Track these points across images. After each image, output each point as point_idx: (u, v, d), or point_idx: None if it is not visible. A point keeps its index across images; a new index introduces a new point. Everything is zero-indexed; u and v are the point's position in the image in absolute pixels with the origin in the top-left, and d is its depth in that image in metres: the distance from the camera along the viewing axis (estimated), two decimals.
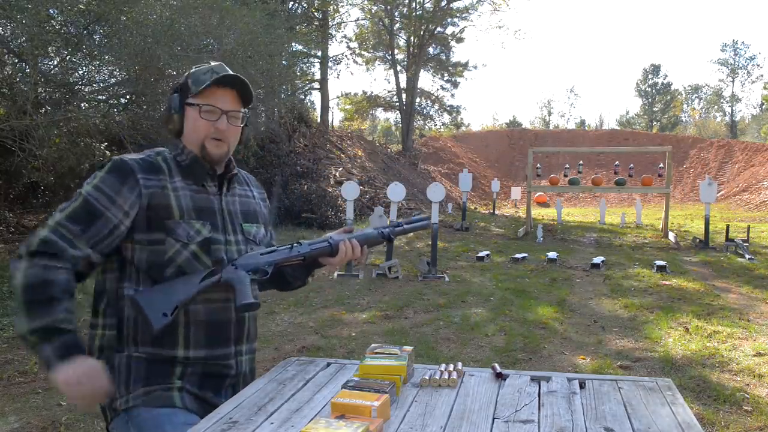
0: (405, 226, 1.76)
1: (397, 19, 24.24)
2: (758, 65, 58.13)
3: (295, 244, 1.61)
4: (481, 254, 8.61)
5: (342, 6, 21.77)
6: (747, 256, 8.47)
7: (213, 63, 1.59)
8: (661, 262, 7.75)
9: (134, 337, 1.48)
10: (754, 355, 4.23)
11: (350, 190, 7.61)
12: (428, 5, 24.09)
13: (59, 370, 1.36)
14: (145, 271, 1.48)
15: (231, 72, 1.57)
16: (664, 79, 52.13)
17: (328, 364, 1.66)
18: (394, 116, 31.37)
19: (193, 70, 1.57)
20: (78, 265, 1.43)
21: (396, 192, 7.72)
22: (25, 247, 1.41)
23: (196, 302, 1.49)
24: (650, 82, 52.01)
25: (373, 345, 1.59)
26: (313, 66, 20.02)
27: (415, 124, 26.08)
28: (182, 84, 1.57)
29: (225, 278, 1.50)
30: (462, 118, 31.55)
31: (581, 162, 13.05)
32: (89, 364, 1.40)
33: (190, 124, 1.56)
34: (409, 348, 1.55)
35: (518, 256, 8.53)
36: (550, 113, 59.53)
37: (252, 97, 1.61)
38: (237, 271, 1.51)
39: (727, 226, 9.92)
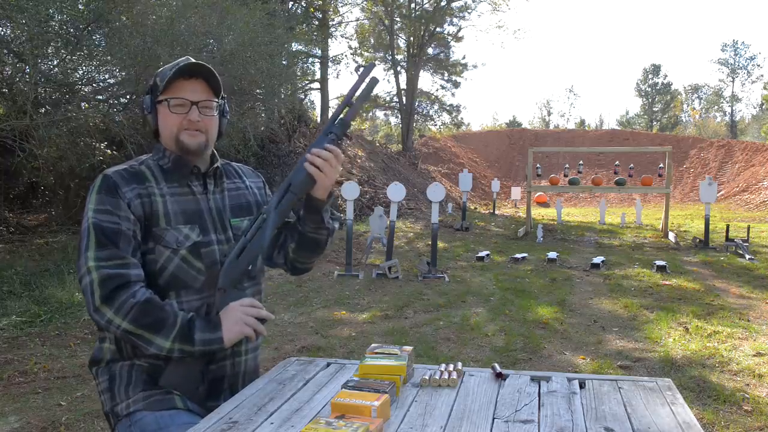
0: (355, 106, 1.46)
1: (396, 19, 24.23)
2: (758, 65, 58.27)
3: (261, 223, 1.48)
4: (481, 254, 8.60)
5: (342, 6, 21.79)
6: (747, 256, 8.47)
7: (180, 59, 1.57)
8: (661, 262, 7.75)
9: (134, 351, 1.49)
10: (754, 355, 4.23)
11: (350, 190, 7.61)
12: (427, 6, 24.09)
13: (226, 332, 1.44)
14: None
15: (195, 61, 1.53)
16: (664, 79, 52.14)
17: (328, 364, 1.66)
18: (394, 117, 31.37)
19: (160, 69, 1.56)
20: (143, 278, 1.44)
21: (396, 192, 7.72)
22: (92, 297, 1.38)
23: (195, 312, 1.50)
24: (650, 82, 52.01)
25: (373, 345, 1.59)
26: (313, 66, 20.03)
27: (414, 124, 26.07)
28: (152, 84, 1.55)
29: (222, 310, 1.49)
30: (462, 118, 31.56)
31: (581, 162, 13.05)
32: (230, 312, 1.45)
33: (161, 120, 1.54)
34: (409, 348, 1.55)
35: (518, 256, 8.53)
36: (549, 113, 59.58)
37: (220, 85, 1.57)
38: (228, 294, 1.48)
39: (727, 226, 9.92)
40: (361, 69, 1.47)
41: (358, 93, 1.48)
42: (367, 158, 18.36)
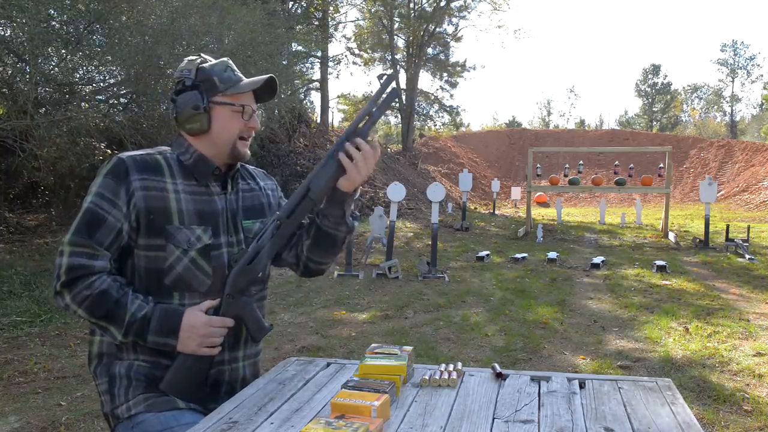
0: (375, 115, 1.41)
1: (396, 19, 24.22)
2: (758, 65, 58.36)
3: (275, 230, 1.44)
4: (480, 254, 8.60)
5: (342, 6, 21.78)
6: (747, 256, 8.47)
7: (213, 59, 1.56)
8: (661, 262, 7.75)
9: (133, 346, 1.47)
10: (754, 355, 4.23)
11: None
12: (427, 6, 24.08)
13: (181, 345, 1.41)
14: (144, 278, 1.46)
15: (236, 68, 1.57)
16: (664, 79, 52.17)
17: (328, 364, 1.66)
18: (393, 117, 31.37)
19: (206, 65, 1.52)
20: (108, 269, 1.43)
21: (396, 192, 7.72)
22: (57, 280, 1.40)
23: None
24: (650, 82, 52.02)
25: (373, 345, 1.58)
26: (313, 66, 20.02)
27: (414, 124, 26.06)
28: (203, 80, 1.50)
29: (230, 316, 1.47)
30: (461, 119, 31.60)
31: (581, 162, 13.05)
32: (194, 328, 1.41)
33: (221, 123, 1.51)
34: (409, 348, 1.55)
35: (518, 256, 8.53)
36: (549, 113, 59.60)
37: (274, 94, 1.60)
38: (236, 301, 1.45)
39: (727, 226, 9.91)
40: (384, 77, 1.40)
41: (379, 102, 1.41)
42: None
